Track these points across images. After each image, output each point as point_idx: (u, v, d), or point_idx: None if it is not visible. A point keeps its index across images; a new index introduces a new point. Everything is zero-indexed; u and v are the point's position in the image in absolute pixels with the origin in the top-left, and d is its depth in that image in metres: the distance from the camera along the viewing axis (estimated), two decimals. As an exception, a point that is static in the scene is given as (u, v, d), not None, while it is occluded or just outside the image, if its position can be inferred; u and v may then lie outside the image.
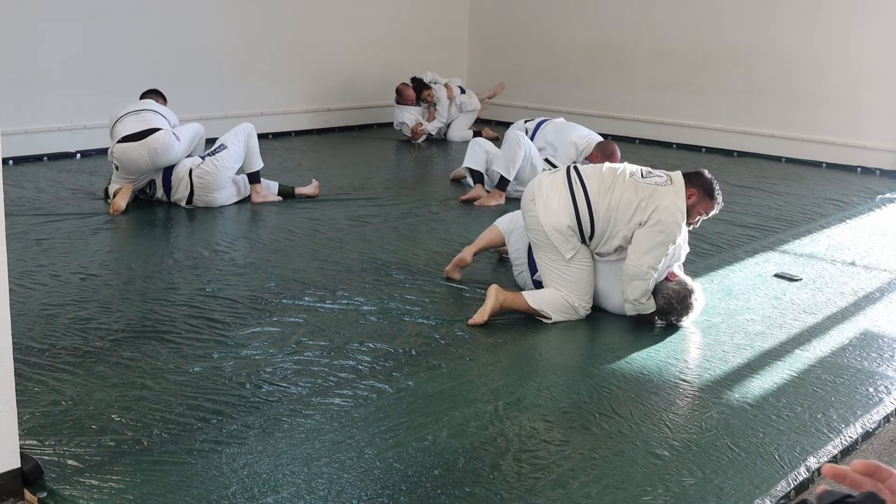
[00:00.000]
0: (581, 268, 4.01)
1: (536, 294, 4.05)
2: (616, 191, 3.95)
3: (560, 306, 4.00)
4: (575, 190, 4.01)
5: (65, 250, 4.94)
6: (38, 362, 3.40)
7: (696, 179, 4.02)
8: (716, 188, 4.04)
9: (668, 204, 3.89)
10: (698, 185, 3.99)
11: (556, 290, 4.02)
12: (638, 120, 9.23)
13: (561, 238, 3.97)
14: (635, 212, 3.90)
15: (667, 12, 9.03)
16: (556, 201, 4.00)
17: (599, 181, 4.01)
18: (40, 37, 7.21)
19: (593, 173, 4.07)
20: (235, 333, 3.76)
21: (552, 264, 4.04)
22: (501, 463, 2.78)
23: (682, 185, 3.96)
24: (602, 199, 3.96)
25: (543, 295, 4.03)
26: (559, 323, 3.99)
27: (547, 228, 3.98)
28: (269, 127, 8.84)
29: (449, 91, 9.00)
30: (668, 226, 3.87)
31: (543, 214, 4.00)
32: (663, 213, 3.87)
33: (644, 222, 3.89)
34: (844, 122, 8.10)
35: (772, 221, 6.05)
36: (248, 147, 5.97)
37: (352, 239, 5.28)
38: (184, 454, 2.77)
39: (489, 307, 3.94)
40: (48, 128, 7.27)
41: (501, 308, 3.98)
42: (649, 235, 3.88)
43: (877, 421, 3.21)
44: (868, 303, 4.47)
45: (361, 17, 9.43)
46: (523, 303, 4.00)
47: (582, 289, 4.02)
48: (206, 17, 8.24)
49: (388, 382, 3.33)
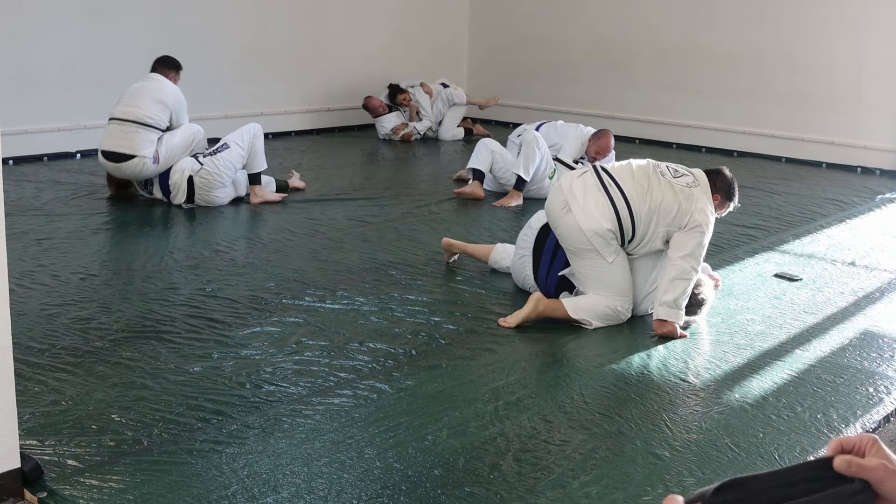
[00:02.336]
0: (622, 270, 3.95)
1: (576, 302, 3.95)
2: (655, 192, 3.92)
3: (602, 313, 3.93)
4: (612, 193, 3.93)
5: (65, 250, 4.94)
6: (38, 362, 3.40)
7: (720, 183, 4.05)
8: (735, 190, 4.10)
9: (703, 207, 3.92)
10: (721, 188, 4.04)
11: (598, 297, 3.93)
12: (638, 120, 9.23)
13: (603, 242, 3.88)
14: (676, 215, 3.89)
15: (667, 12, 9.03)
16: (593, 205, 3.91)
17: (634, 182, 3.95)
18: (40, 37, 7.21)
19: (625, 174, 4.01)
20: (235, 333, 3.76)
21: (592, 270, 3.94)
22: (501, 463, 2.78)
23: (708, 186, 4.00)
24: (642, 201, 3.90)
25: (584, 303, 3.94)
26: (559, 323, 3.98)
27: (589, 234, 3.87)
28: (269, 127, 8.80)
29: (426, 88, 8.99)
30: (705, 227, 3.90)
31: (584, 220, 3.89)
32: (700, 216, 3.89)
33: (684, 226, 3.89)
34: (844, 122, 8.10)
35: (772, 221, 6.05)
36: (253, 148, 5.97)
37: (352, 239, 5.28)
38: (184, 454, 2.77)
39: (524, 314, 3.87)
40: (48, 128, 7.27)
41: (539, 317, 3.89)
42: (690, 237, 3.88)
43: (877, 421, 3.21)
44: (868, 303, 4.47)
45: (362, 18, 9.43)
46: (563, 312, 3.92)
47: (624, 291, 3.95)
48: (206, 17, 8.24)
49: (388, 382, 3.33)
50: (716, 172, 4.10)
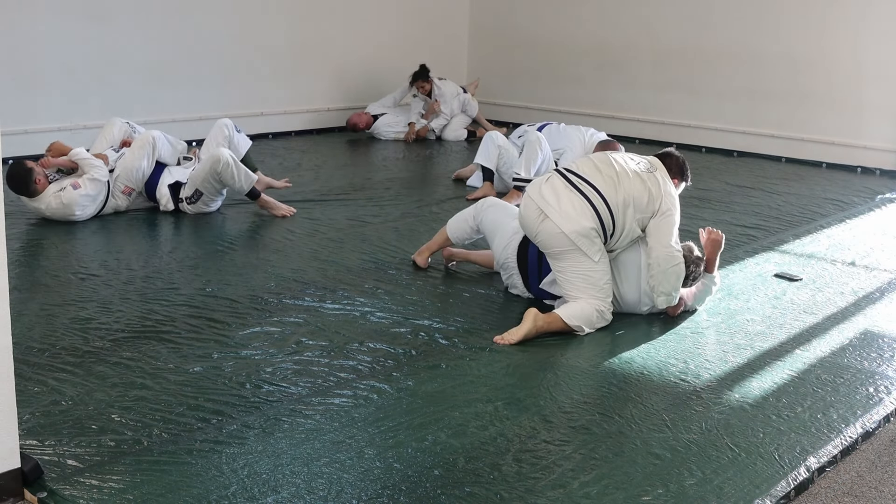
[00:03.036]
0: (605, 268, 3.94)
1: (569, 310, 3.90)
2: (624, 182, 3.94)
3: (591, 319, 3.90)
4: (585, 191, 3.92)
5: (65, 250, 4.94)
6: (38, 362, 3.41)
7: (674, 165, 4.17)
8: (688, 170, 4.26)
9: (669, 190, 4.01)
10: (676, 171, 4.17)
11: (585, 302, 3.89)
12: (638, 120, 9.23)
13: (588, 242, 3.86)
14: (648, 201, 3.93)
15: (667, 12, 9.03)
16: (570, 207, 3.89)
17: (602, 176, 3.96)
18: (40, 37, 7.21)
19: (591, 170, 4.00)
20: (235, 333, 3.76)
21: (576, 271, 3.90)
22: (501, 463, 2.78)
23: (665, 170, 4.08)
24: (616, 193, 3.91)
25: (574, 310, 3.89)
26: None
27: (573, 236, 3.84)
28: (269, 127, 8.84)
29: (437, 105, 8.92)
30: (674, 209, 3.98)
31: (564, 223, 3.86)
32: (668, 199, 3.97)
33: (656, 211, 3.94)
34: (844, 122, 8.10)
35: (772, 221, 6.05)
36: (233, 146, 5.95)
37: (352, 239, 5.28)
38: (184, 454, 2.77)
39: (523, 332, 3.78)
40: (48, 128, 7.26)
41: (538, 333, 3.82)
42: (664, 221, 3.94)
43: (877, 421, 3.21)
44: (868, 303, 4.47)
45: (362, 18, 9.42)
46: (560, 324, 3.86)
47: (606, 291, 3.93)
48: (206, 17, 8.23)
49: (388, 382, 3.33)
50: (667, 155, 4.20)
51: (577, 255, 3.89)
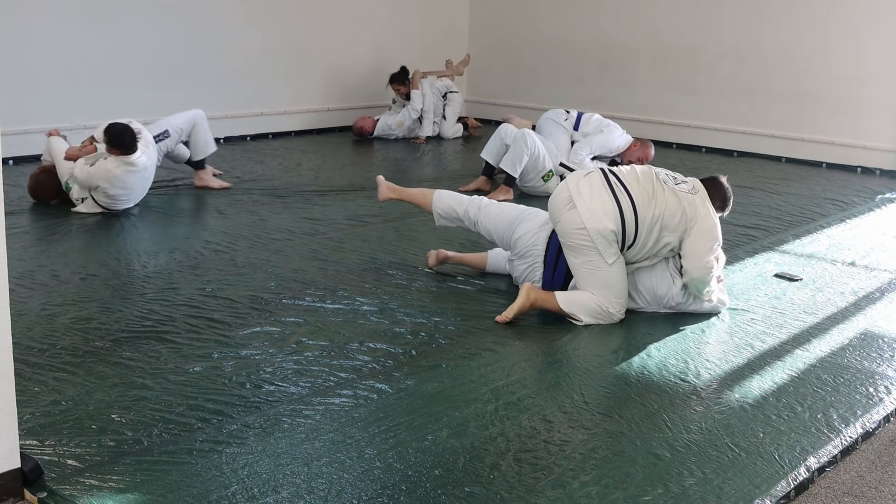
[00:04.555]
0: (620, 271, 3.96)
1: (569, 296, 3.97)
2: (659, 199, 3.94)
3: (593, 311, 3.95)
4: (619, 195, 3.94)
5: (65, 250, 4.94)
6: (38, 362, 3.41)
7: (716, 193, 4.11)
8: (730, 200, 4.20)
9: (705, 213, 3.97)
10: (717, 198, 4.10)
11: (591, 295, 3.95)
12: (638, 120, 9.22)
13: (605, 243, 3.89)
14: (680, 220, 3.93)
15: (667, 12, 9.03)
16: (599, 205, 3.91)
17: (640, 188, 3.97)
18: (40, 37, 7.21)
19: (632, 178, 4.02)
20: (235, 333, 3.76)
21: (589, 268, 3.94)
22: (501, 463, 2.79)
23: (706, 194, 4.05)
24: (647, 207, 3.92)
25: (576, 298, 3.96)
26: (559, 323, 3.98)
27: (592, 232, 3.88)
28: (269, 127, 8.84)
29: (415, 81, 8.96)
30: (713, 231, 3.97)
31: (588, 218, 3.89)
32: (704, 222, 3.95)
33: (690, 230, 3.94)
34: (844, 122, 8.10)
35: (772, 221, 6.05)
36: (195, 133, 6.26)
37: (352, 239, 5.29)
38: (184, 454, 2.77)
39: (518, 305, 3.91)
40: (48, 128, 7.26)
41: (532, 307, 3.94)
42: (700, 243, 3.94)
43: (877, 421, 3.21)
44: (868, 303, 4.47)
45: (362, 17, 9.43)
46: (555, 304, 3.96)
47: (619, 293, 3.96)
48: (206, 17, 8.24)
49: (388, 382, 3.33)
50: (712, 181, 4.16)
51: (593, 253, 3.92)
